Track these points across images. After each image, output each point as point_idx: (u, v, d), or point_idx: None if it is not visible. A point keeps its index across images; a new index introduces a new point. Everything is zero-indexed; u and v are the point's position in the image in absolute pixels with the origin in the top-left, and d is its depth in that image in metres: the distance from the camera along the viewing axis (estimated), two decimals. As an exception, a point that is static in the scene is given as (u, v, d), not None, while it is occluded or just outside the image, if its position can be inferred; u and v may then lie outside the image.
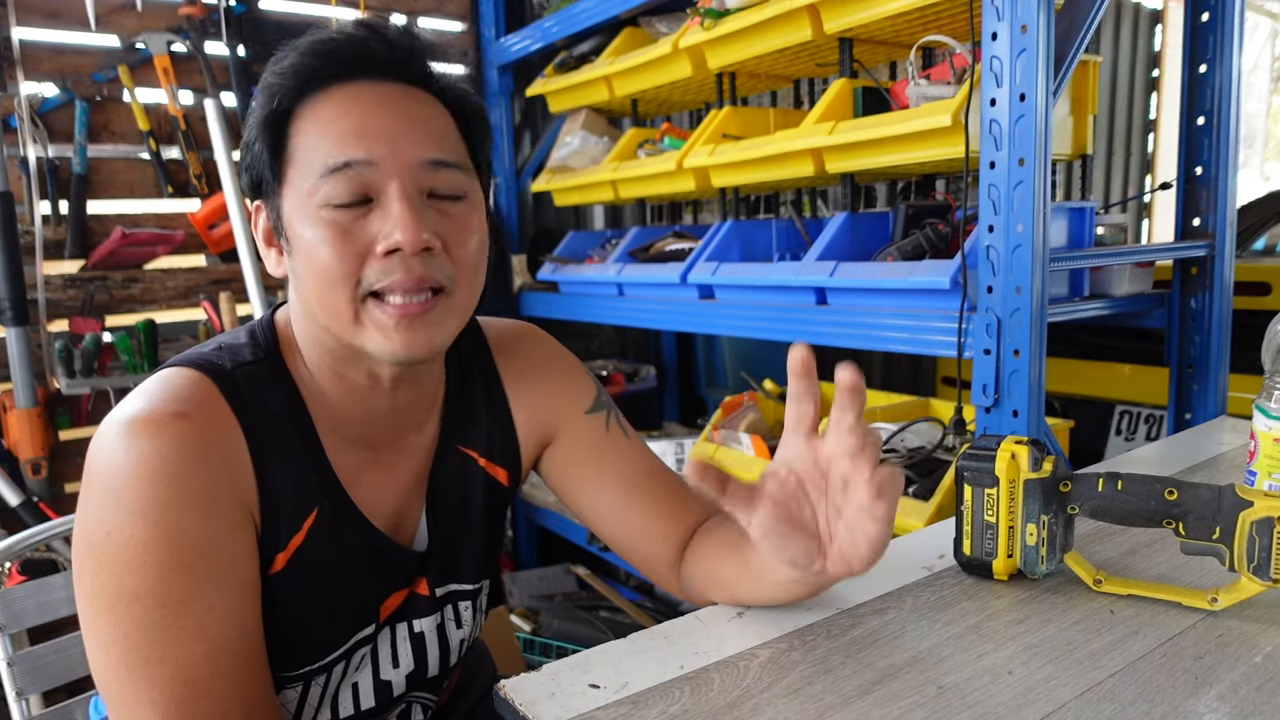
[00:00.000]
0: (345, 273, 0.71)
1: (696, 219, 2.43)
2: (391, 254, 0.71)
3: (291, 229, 0.74)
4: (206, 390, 0.73)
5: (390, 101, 0.74)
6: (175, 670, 0.66)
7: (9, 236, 1.92)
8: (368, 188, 0.72)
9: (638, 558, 0.95)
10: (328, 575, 0.78)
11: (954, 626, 0.75)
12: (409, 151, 0.73)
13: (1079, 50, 1.28)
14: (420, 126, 0.74)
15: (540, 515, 2.54)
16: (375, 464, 0.84)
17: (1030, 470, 0.79)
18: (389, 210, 0.72)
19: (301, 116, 0.74)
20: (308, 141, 0.73)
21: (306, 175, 0.72)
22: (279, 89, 0.74)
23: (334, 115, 0.73)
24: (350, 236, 0.71)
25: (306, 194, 0.72)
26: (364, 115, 0.73)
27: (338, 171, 0.71)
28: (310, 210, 0.72)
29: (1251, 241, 2.97)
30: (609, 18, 2.09)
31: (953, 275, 1.33)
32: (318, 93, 0.74)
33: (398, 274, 0.72)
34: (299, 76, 0.73)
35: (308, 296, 0.75)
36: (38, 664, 1.03)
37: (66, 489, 2.14)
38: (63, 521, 1.11)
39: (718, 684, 0.67)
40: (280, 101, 0.73)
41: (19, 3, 2.01)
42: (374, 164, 0.71)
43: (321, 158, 0.72)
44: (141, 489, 0.66)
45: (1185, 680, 0.65)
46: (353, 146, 0.71)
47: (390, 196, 0.72)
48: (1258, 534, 0.71)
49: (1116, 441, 2.59)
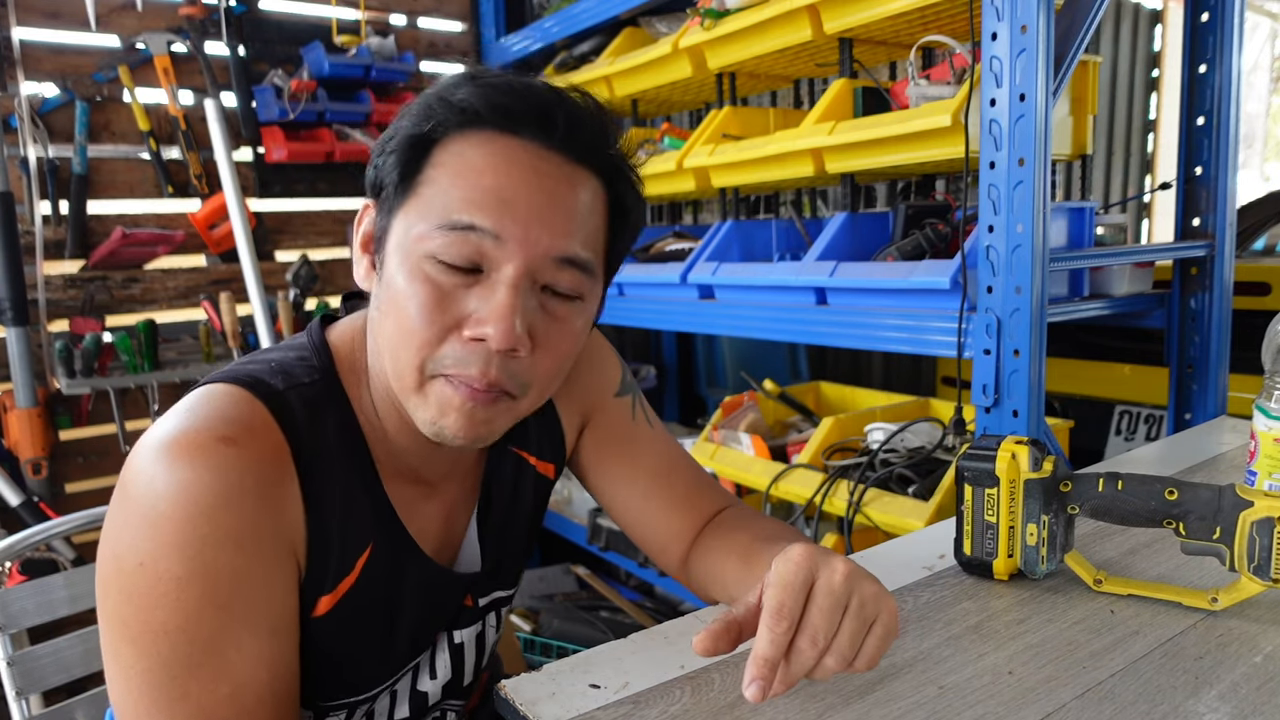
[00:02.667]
0: (425, 340, 0.66)
1: (696, 219, 2.43)
2: (475, 341, 0.66)
3: (389, 260, 0.68)
4: (256, 413, 0.66)
5: (545, 175, 0.67)
6: (196, 708, 0.63)
7: (9, 236, 1.92)
8: (483, 258, 0.65)
9: (650, 547, 0.95)
10: (381, 612, 0.75)
11: (954, 626, 0.75)
12: (544, 239, 0.66)
13: (1079, 50, 1.28)
14: (563, 213, 0.67)
15: (540, 515, 2.54)
16: (431, 495, 0.80)
17: (1030, 470, 0.79)
18: (493, 293, 0.65)
19: (448, 150, 0.67)
20: (442, 179, 0.66)
21: (424, 215, 0.66)
22: (438, 115, 0.67)
23: (481, 166, 0.66)
24: (444, 304, 0.66)
25: (417, 236, 0.66)
26: (508, 177, 0.65)
27: (458, 231, 0.65)
28: (414, 255, 0.66)
29: (1251, 241, 2.97)
30: (609, 18, 2.09)
31: (953, 275, 1.33)
32: (473, 131, 0.67)
33: (472, 370, 0.66)
34: (464, 114, 0.67)
35: (384, 335, 0.69)
36: (38, 664, 1.03)
37: (67, 489, 2.15)
38: (63, 521, 1.11)
39: (718, 684, 0.67)
40: (430, 125, 0.67)
41: (19, 3, 2.01)
42: (499, 238, 0.65)
43: (447, 205, 0.65)
44: (180, 521, 0.61)
45: (1185, 680, 0.65)
46: (485, 210, 0.65)
47: (501, 280, 0.65)
48: (1258, 534, 0.71)
49: (1116, 441, 2.59)
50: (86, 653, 1.06)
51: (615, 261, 0.76)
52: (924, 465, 1.61)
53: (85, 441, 2.14)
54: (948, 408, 1.80)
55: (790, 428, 2.10)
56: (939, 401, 1.94)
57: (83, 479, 2.16)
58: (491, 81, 0.68)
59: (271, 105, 2.26)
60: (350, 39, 2.36)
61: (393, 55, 2.40)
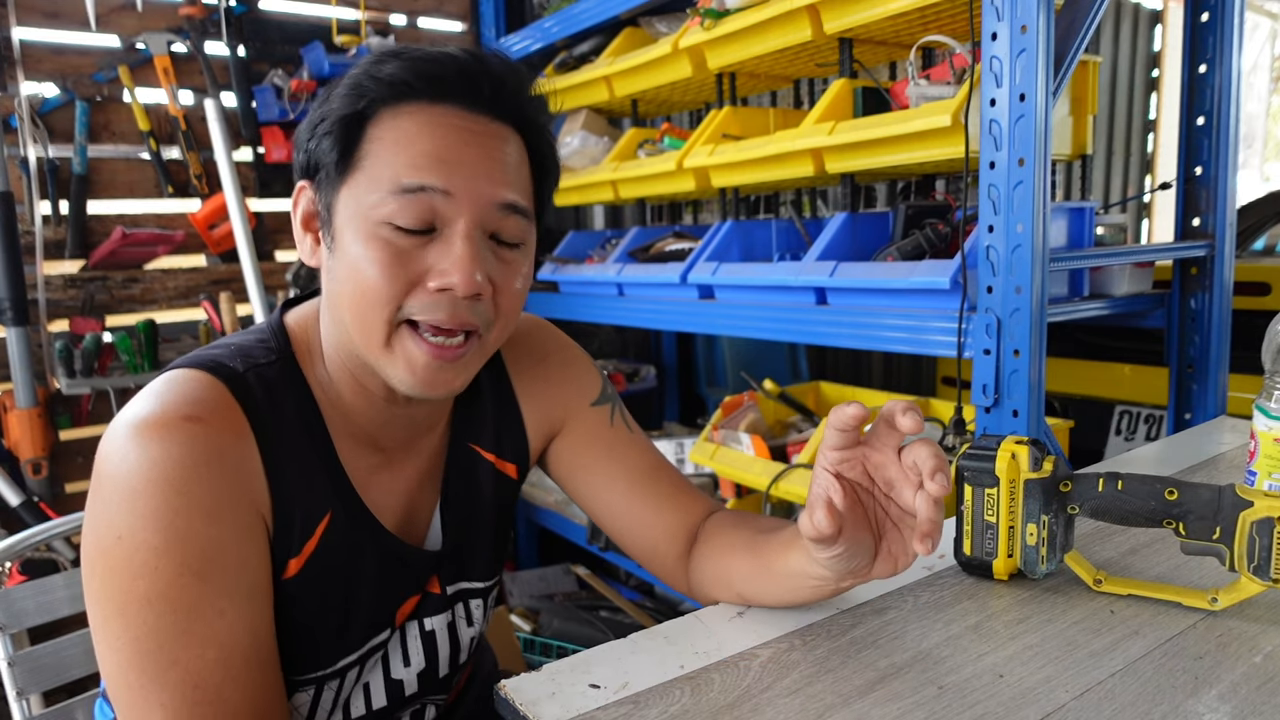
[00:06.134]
0: (390, 296, 0.70)
1: (696, 219, 2.43)
2: (441, 291, 0.70)
3: (342, 233, 0.72)
4: (218, 393, 0.71)
5: (477, 135, 0.72)
6: (185, 674, 0.66)
7: (9, 236, 1.92)
8: (435, 217, 0.70)
9: (641, 551, 0.95)
10: (341, 580, 0.78)
11: (954, 626, 0.75)
12: (487, 190, 0.72)
13: (1079, 50, 1.28)
14: (500, 166, 0.73)
15: (540, 515, 2.54)
16: (387, 466, 0.83)
17: (1030, 470, 0.79)
18: (451, 246, 0.70)
19: (382, 124, 0.71)
20: (382, 152, 0.71)
21: (373, 187, 0.70)
22: (370, 92, 0.71)
23: (418, 134, 0.71)
24: (405, 262, 0.70)
25: (369, 206, 0.70)
26: (446, 140, 0.71)
27: (410, 194, 0.69)
28: (369, 225, 0.70)
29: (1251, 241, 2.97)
30: (609, 18, 2.09)
31: (953, 275, 1.33)
32: (401, 104, 0.71)
33: (441, 313, 0.71)
34: (394, 87, 0.71)
35: (341, 305, 0.73)
36: (38, 664, 1.03)
37: (67, 489, 2.15)
38: (63, 521, 1.11)
39: (718, 684, 0.67)
40: (362, 103, 0.71)
41: (19, 3, 2.01)
42: (449, 194, 0.70)
43: (394, 173, 0.70)
44: (153, 494, 0.66)
45: (1185, 680, 0.65)
46: (430, 171, 0.70)
47: (456, 232, 0.71)
48: (1258, 534, 0.71)
49: (1116, 441, 2.59)
50: (87, 653, 1.06)
51: (542, 209, 0.82)
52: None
53: (85, 441, 2.14)
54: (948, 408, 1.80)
55: (790, 428, 2.10)
56: (939, 401, 1.94)
57: (83, 479, 2.16)
58: (416, 55, 0.73)
59: (271, 105, 2.26)
60: (350, 39, 2.36)
61: (393, 55, 2.40)
